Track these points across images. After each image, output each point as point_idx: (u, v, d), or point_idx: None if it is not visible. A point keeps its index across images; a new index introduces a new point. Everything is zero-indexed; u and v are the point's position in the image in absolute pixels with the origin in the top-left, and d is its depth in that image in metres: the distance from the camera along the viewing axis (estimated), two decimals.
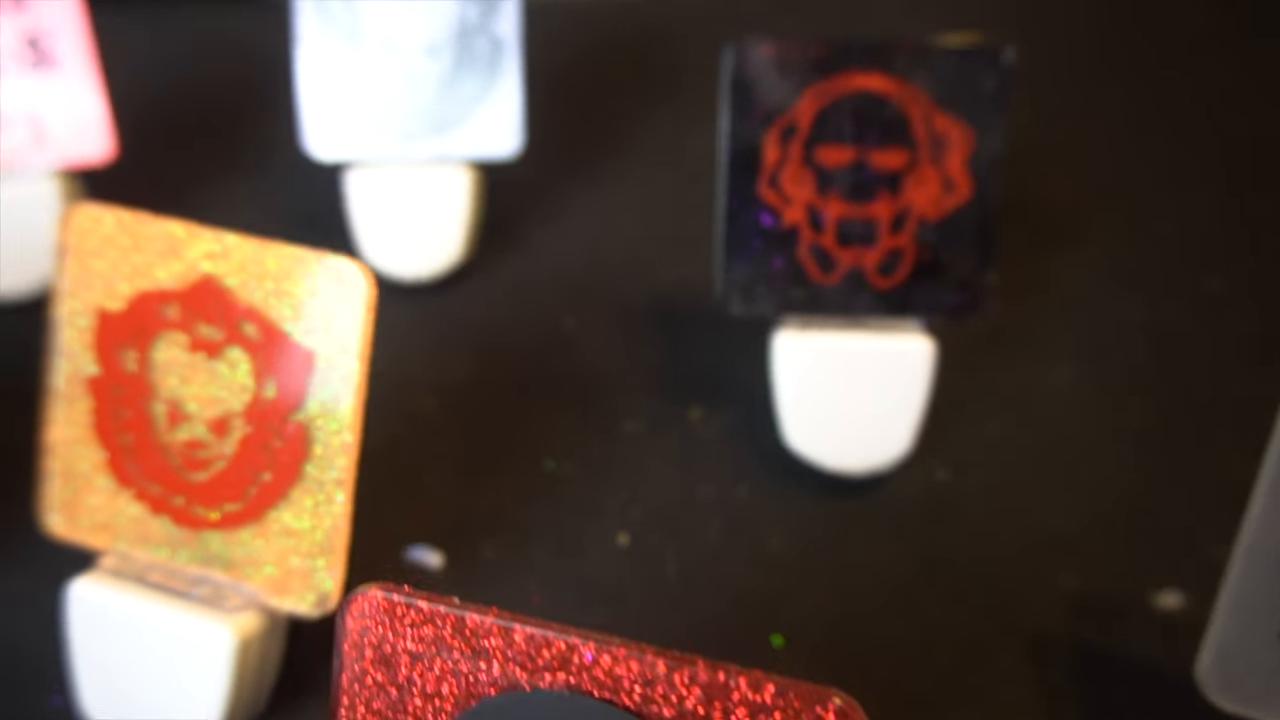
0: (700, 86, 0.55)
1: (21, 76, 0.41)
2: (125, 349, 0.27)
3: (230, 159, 0.51)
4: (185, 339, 0.27)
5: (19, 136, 0.42)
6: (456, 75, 0.42)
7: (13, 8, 0.41)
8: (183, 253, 0.27)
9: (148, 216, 0.27)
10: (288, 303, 0.26)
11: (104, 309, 0.27)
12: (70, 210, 0.28)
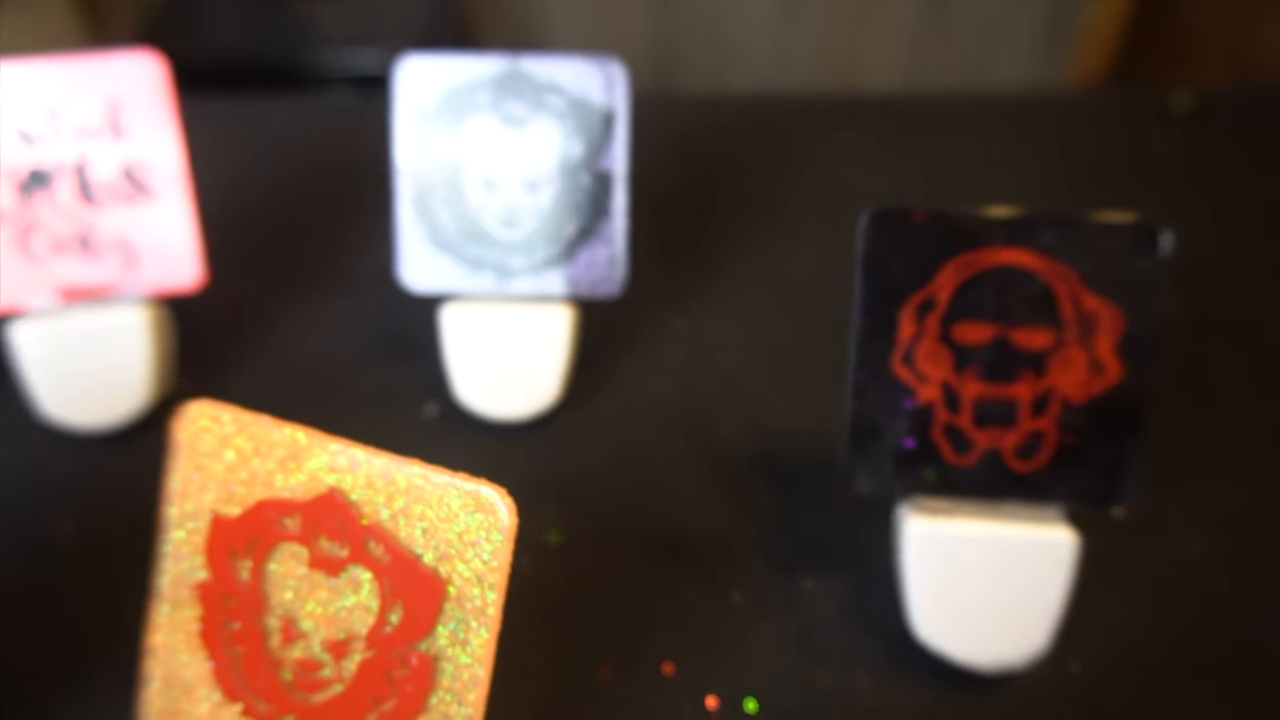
0: (799, 213, 0.54)
1: (116, 206, 0.40)
2: (239, 557, 0.26)
3: (318, 280, 0.50)
4: (305, 553, 0.25)
5: (111, 264, 0.40)
6: (558, 211, 0.41)
7: (112, 139, 0.40)
8: (306, 462, 0.25)
9: (269, 420, 0.25)
10: (419, 525, 0.24)
11: (218, 514, 0.26)
12: (186, 408, 0.26)
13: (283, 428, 0.25)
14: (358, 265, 0.50)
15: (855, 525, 0.38)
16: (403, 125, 0.40)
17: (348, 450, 0.25)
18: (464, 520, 0.24)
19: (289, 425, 0.25)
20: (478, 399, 0.41)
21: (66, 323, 0.40)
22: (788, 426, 0.42)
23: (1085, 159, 0.59)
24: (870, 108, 0.65)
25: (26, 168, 0.40)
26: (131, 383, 0.41)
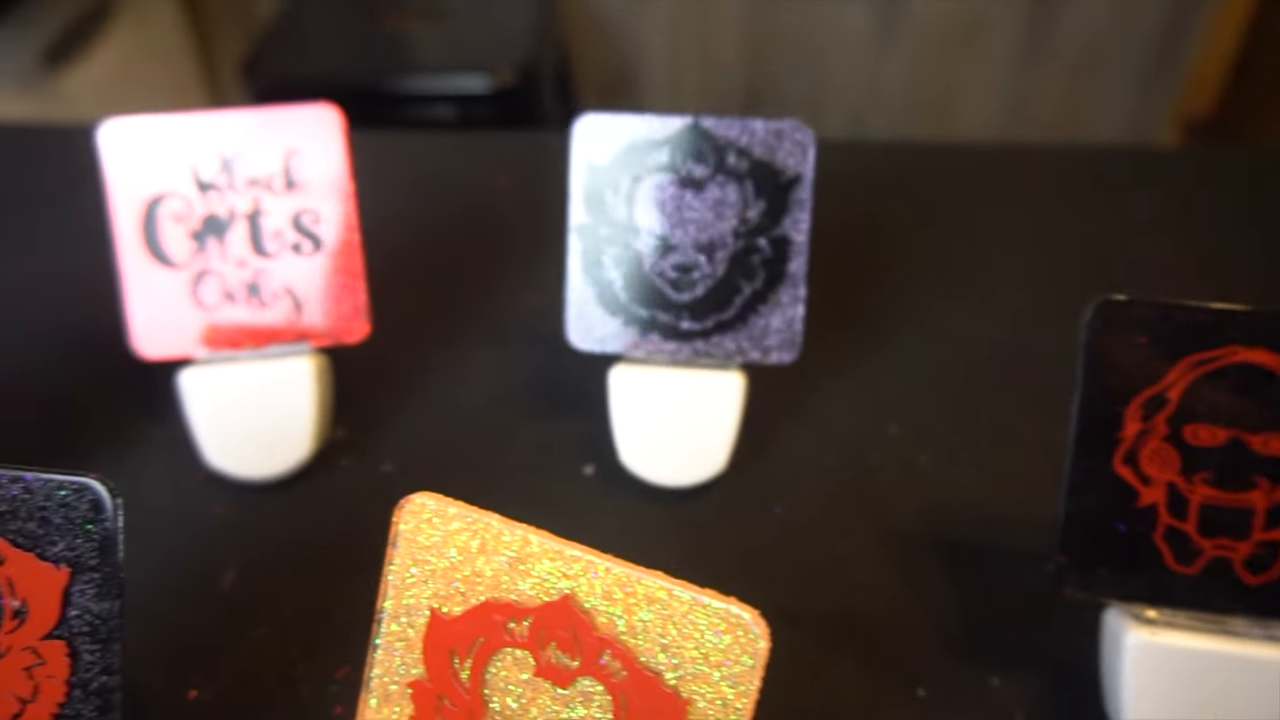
0: (963, 268, 0.52)
1: (287, 255, 0.40)
2: (459, 658, 0.25)
3: (468, 327, 0.49)
4: (531, 660, 0.24)
5: (279, 313, 0.40)
6: (733, 276, 0.39)
7: (286, 189, 0.40)
8: (536, 565, 0.24)
9: (497, 518, 0.24)
10: (659, 641, 0.23)
11: (438, 611, 0.25)
12: (409, 499, 0.25)
13: (513, 528, 0.24)
14: (510, 313, 0.49)
15: (1046, 621, 0.36)
16: (577, 181, 0.39)
17: (584, 557, 0.23)
18: (711, 640, 0.22)
19: (519, 526, 0.24)
20: (642, 464, 0.40)
21: (233, 371, 0.40)
22: (964, 505, 0.40)
23: (1250, 217, 0.56)
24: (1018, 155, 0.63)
25: (200, 216, 0.40)
26: (296, 433, 0.40)
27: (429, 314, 0.49)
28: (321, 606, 0.37)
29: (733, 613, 0.22)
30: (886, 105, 1.59)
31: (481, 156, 0.61)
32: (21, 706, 0.26)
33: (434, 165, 0.60)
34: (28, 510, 0.25)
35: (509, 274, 0.52)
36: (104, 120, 0.39)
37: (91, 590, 0.26)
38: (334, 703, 0.34)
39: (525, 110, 1.25)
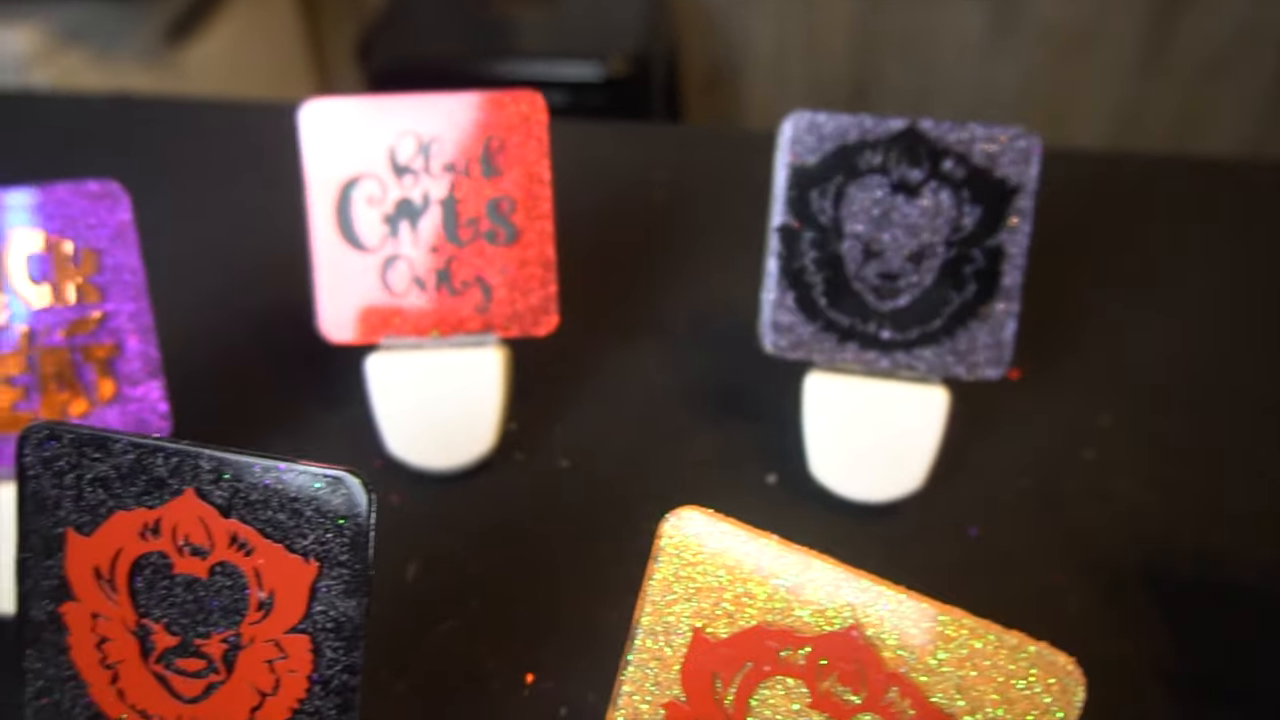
0: (1157, 283, 0.49)
1: (480, 243, 0.39)
2: (722, 682, 0.23)
3: (644, 324, 0.48)
4: (806, 691, 0.23)
5: (469, 303, 0.39)
6: (942, 286, 0.38)
7: (484, 176, 0.39)
8: (818, 590, 0.22)
9: (774, 539, 0.23)
10: (954, 681, 0.21)
11: (702, 632, 0.24)
12: (675, 514, 0.24)
13: (792, 550, 0.23)
14: (680, 311, 0.48)
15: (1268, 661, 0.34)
16: (783, 181, 0.38)
17: (874, 586, 0.22)
18: (1018, 686, 0.21)
19: (798, 549, 0.23)
20: (833, 476, 0.39)
21: (419, 359, 0.39)
22: (1166, 537, 0.38)
23: None
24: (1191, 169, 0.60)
25: (395, 200, 0.39)
26: (479, 425, 0.40)
27: (598, 308, 0.48)
28: (506, 603, 0.36)
29: (1045, 657, 0.21)
30: (996, 109, 1.54)
31: (634, 148, 0.60)
32: (261, 699, 0.26)
33: (586, 155, 0.59)
34: (279, 501, 0.25)
35: (681, 270, 0.50)
36: (306, 100, 0.39)
37: (339, 586, 0.25)
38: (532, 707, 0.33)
39: (635, 100, 1.24)
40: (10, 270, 0.34)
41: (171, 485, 0.25)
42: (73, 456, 0.26)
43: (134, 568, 0.26)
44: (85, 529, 0.26)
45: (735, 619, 0.23)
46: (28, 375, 0.35)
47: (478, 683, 0.34)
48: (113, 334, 0.35)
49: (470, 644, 0.35)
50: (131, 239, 0.35)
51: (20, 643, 0.27)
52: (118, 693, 0.26)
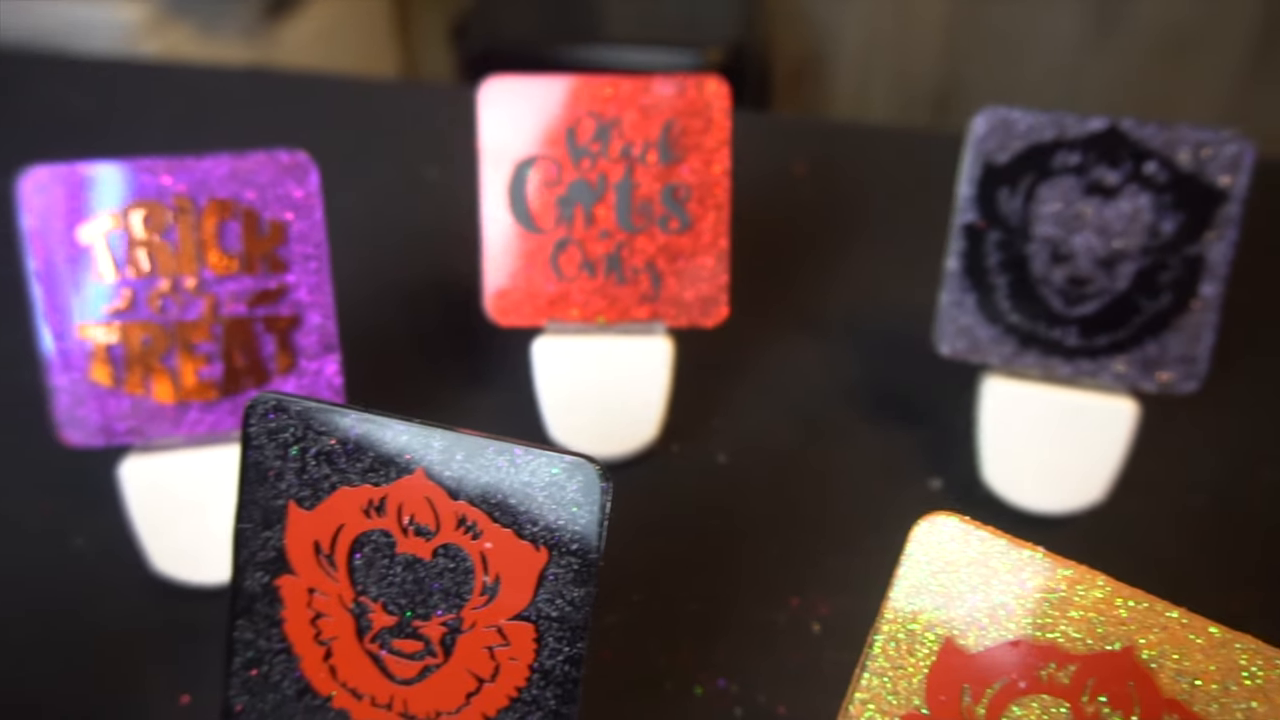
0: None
1: (653, 229, 0.38)
2: (971, 695, 0.23)
3: (799, 318, 0.47)
4: (1065, 711, 0.22)
5: (639, 289, 0.39)
6: (1133, 294, 0.36)
7: (661, 161, 0.38)
8: (1087, 608, 0.21)
9: (1041, 551, 0.22)
10: (1243, 712, 0.20)
11: (953, 642, 0.23)
12: (928, 519, 0.23)
13: (1061, 564, 0.22)
14: (844, 308, 0.47)
15: None
16: (971, 178, 0.37)
17: (1153, 605, 0.21)
18: None
19: (1069, 563, 0.22)
20: (1008, 484, 0.38)
21: (587, 345, 0.39)
22: None
23: None
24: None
25: (569, 182, 0.38)
26: (644, 415, 0.39)
27: (749, 301, 0.47)
28: (671, 599, 0.36)
29: None
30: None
31: (771, 139, 0.59)
32: (478, 685, 0.25)
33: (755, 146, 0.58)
34: (511, 485, 0.24)
35: (830, 266, 0.49)
36: (487, 79, 0.38)
37: (568, 575, 0.24)
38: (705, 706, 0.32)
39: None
40: (202, 238, 0.34)
41: (400, 463, 0.25)
42: (299, 429, 0.25)
43: (355, 544, 0.25)
44: (307, 503, 0.25)
45: (989, 631, 0.22)
46: (212, 344, 0.35)
47: (650, 681, 0.34)
48: (294, 306, 0.35)
49: (638, 640, 0.35)
50: (318, 211, 0.35)
51: (231, 613, 0.26)
52: (329, 669, 0.26)
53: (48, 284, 0.34)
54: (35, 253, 0.34)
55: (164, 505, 0.35)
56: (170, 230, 0.34)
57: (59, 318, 0.34)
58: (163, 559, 0.35)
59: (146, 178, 0.34)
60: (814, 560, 0.37)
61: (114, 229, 0.34)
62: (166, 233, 0.34)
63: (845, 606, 0.36)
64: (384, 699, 0.26)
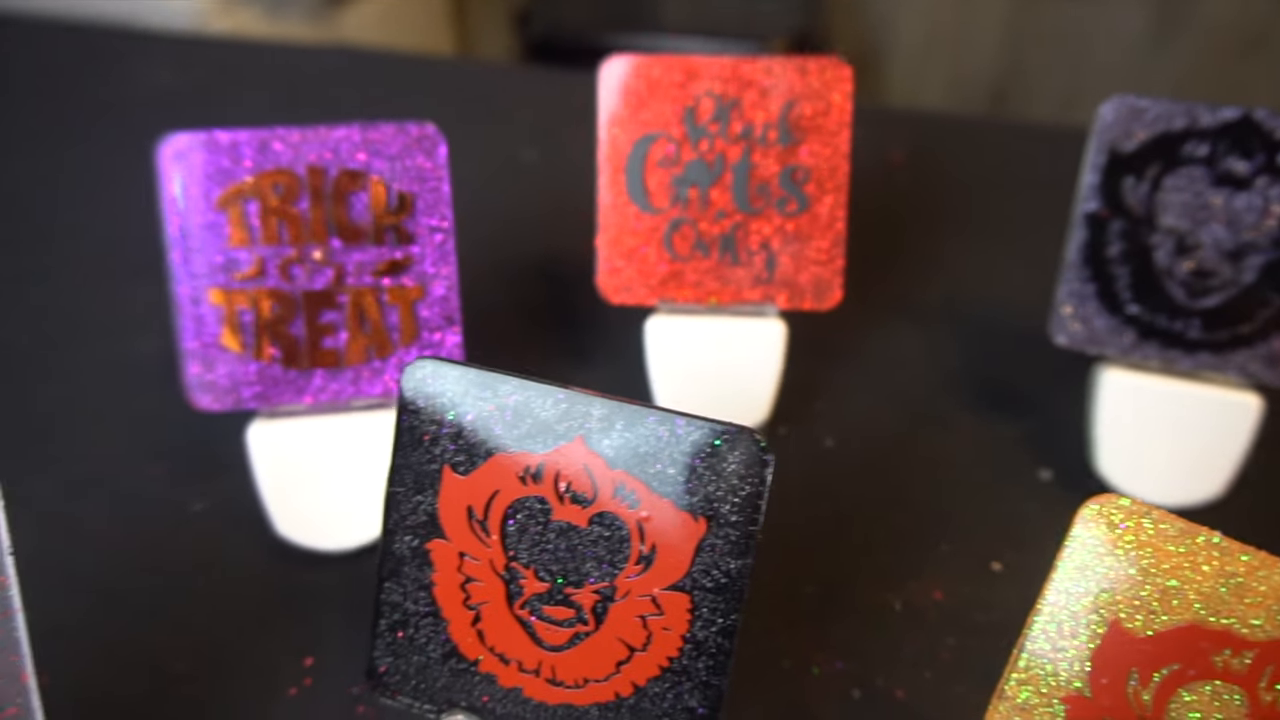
0: None
1: (770, 211, 0.38)
2: (1138, 680, 0.22)
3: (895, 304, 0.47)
4: (1240, 700, 0.22)
5: (753, 271, 0.39)
6: (1262, 287, 0.36)
7: (780, 143, 0.38)
8: (1264, 592, 0.21)
9: (1217, 535, 0.22)
10: None
11: (1120, 624, 0.22)
12: (1097, 500, 0.23)
13: (1239, 549, 0.22)
14: (947, 297, 0.47)
15: None
16: (1095, 166, 0.36)
17: None
18: None
19: (1248, 548, 0.22)
20: (1124, 477, 0.37)
21: (699, 326, 0.39)
22: None
23: None
24: None
25: (687, 162, 0.38)
26: (754, 397, 0.39)
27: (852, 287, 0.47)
28: (784, 579, 0.36)
29: None
30: None
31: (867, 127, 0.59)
32: (629, 654, 0.25)
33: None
34: (671, 455, 0.24)
35: (931, 255, 0.49)
36: (609, 58, 0.38)
37: (725, 546, 0.24)
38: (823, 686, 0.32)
39: None
40: (331, 207, 0.35)
41: (558, 430, 0.25)
42: (456, 394, 0.26)
43: (509, 510, 0.26)
44: (462, 468, 0.26)
45: (1158, 614, 0.22)
46: (337, 313, 0.35)
47: (767, 659, 0.34)
48: (418, 278, 0.35)
49: (755, 618, 0.35)
50: (445, 184, 0.35)
51: (379, 575, 0.27)
52: (478, 634, 0.26)
53: (183, 249, 0.34)
54: (171, 218, 0.34)
55: (287, 471, 0.35)
56: (301, 199, 0.35)
57: (193, 283, 0.34)
58: (286, 524, 0.36)
59: (281, 146, 0.34)
60: (925, 546, 0.37)
61: (248, 196, 0.34)
62: (298, 201, 0.35)
63: (959, 593, 0.35)
64: (532, 664, 0.26)
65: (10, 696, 0.25)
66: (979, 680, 0.33)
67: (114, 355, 0.45)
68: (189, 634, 0.34)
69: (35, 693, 0.25)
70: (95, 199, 0.55)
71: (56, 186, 0.56)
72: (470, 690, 0.27)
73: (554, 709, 0.26)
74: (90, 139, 0.60)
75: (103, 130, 0.61)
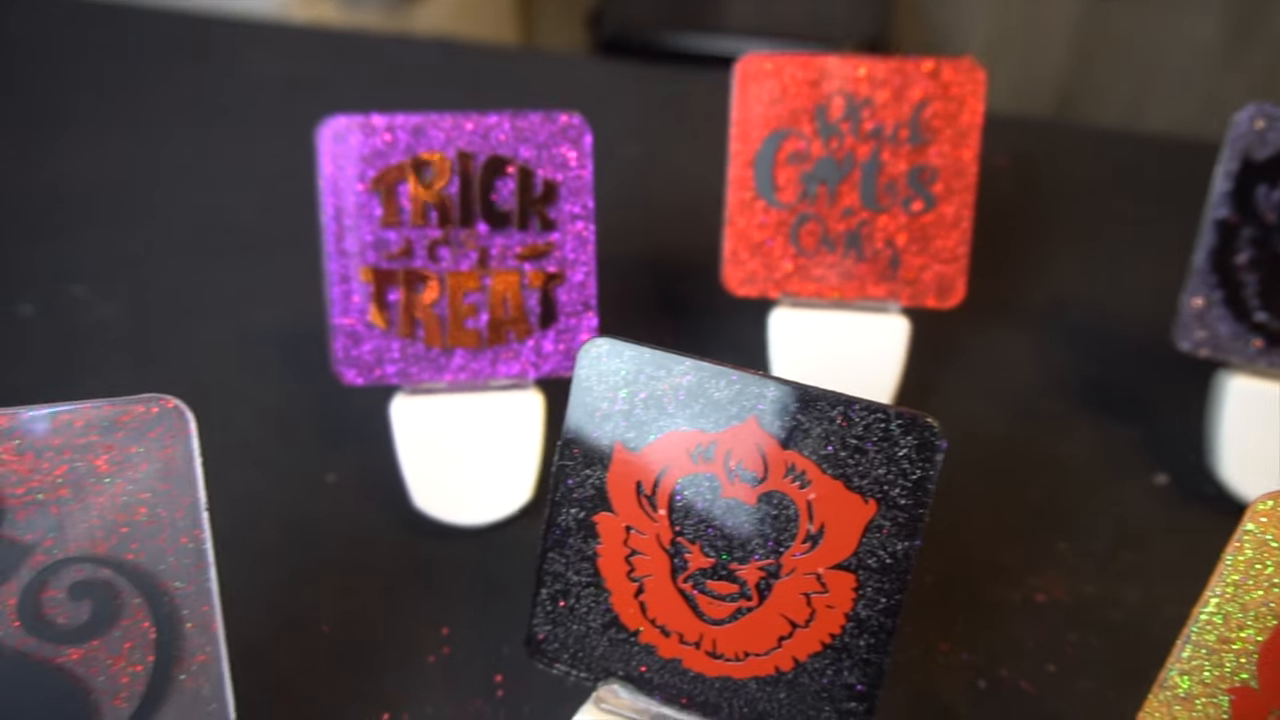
0: None
1: (896, 210, 0.39)
2: None
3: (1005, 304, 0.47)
4: None
5: (877, 268, 0.39)
6: None
7: (910, 142, 0.38)
8: None
9: None
10: None
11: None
12: (1267, 498, 0.23)
13: None
14: (1054, 302, 0.47)
15: None
16: (1228, 173, 0.37)
17: None
18: None
19: None
20: (1250, 483, 0.38)
21: (823, 320, 0.40)
22: None
23: None
24: None
25: (816, 159, 0.39)
26: (875, 391, 0.39)
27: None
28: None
29: None
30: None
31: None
32: (791, 629, 0.26)
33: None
34: (842, 438, 0.25)
35: (1036, 259, 0.50)
36: (745, 56, 0.39)
37: (894, 529, 0.25)
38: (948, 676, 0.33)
39: None
40: (479, 192, 0.36)
41: (731, 411, 0.26)
42: (630, 373, 0.27)
43: (678, 487, 0.26)
44: (632, 444, 0.27)
45: None
46: (480, 294, 0.36)
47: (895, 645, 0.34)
48: (559, 263, 0.36)
49: None
50: (589, 173, 0.36)
51: (544, 545, 0.28)
52: (640, 605, 0.27)
53: (336, 228, 0.35)
54: (327, 198, 0.35)
55: (426, 446, 0.36)
56: (451, 183, 0.36)
57: (344, 261, 0.36)
58: (422, 497, 0.37)
59: (434, 131, 0.35)
60: (1043, 545, 0.37)
61: (399, 179, 0.35)
62: (447, 185, 0.36)
63: (1079, 591, 0.36)
64: (693, 637, 0.27)
65: (201, 644, 0.26)
66: (1106, 676, 0.33)
67: (235, 333, 0.46)
68: (333, 599, 0.35)
69: (223, 642, 0.26)
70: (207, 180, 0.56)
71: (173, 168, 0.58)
72: (628, 660, 0.28)
73: (712, 681, 0.27)
74: (193, 123, 0.62)
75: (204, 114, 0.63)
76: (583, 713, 0.28)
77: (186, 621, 0.26)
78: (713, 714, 0.27)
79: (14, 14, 0.73)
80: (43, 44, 0.70)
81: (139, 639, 0.26)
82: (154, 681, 0.26)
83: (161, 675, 0.26)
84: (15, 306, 0.47)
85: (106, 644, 0.26)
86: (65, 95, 0.64)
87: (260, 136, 0.60)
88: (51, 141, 0.59)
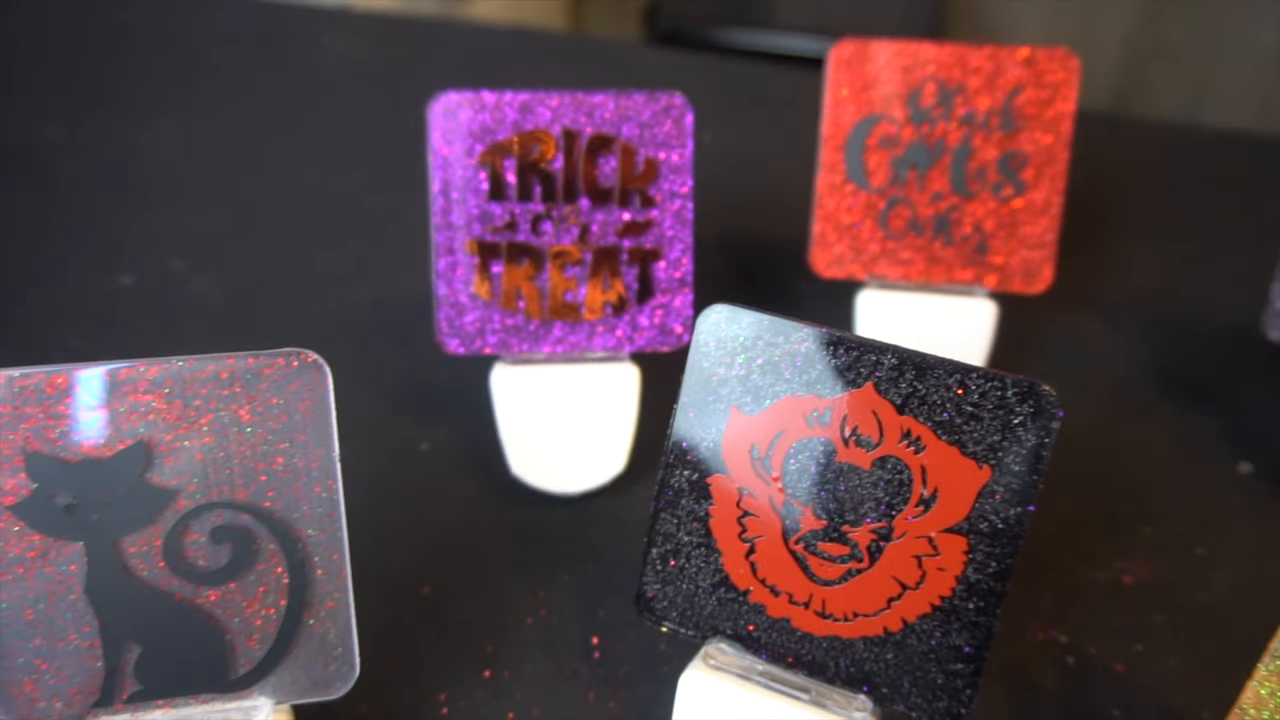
0: None
1: (985, 196, 0.39)
2: None
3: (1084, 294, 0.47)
4: None
5: (964, 252, 0.40)
6: None
7: (1001, 129, 0.39)
8: None
9: None
10: None
11: None
12: None
13: None
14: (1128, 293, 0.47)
15: None
16: None
17: None
18: None
19: None
20: None
21: (910, 301, 0.40)
22: None
23: None
24: None
25: (907, 144, 0.40)
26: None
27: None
28: None
29: None
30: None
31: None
32: (900, 591, 0.27)
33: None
34: (960, 405, 0.26)
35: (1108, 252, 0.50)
36: (839, 42, 0.40)
37: (1006, 494, 0.26)
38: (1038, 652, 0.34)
39: None
40: (582, 168, 0.37)
41: (848, 377, 0.27)
42: (748, 339, 0.27)
43: (792, 450, 0.27)
44: (749, 408, 0.28)
45: None
46: (580, 269, 0.37)
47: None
48: (657, 240, 0.37)
49: None
50: (689, 152, 0.37)
51: (656, 505, 0.29)
52: (750, 566, 0.28)
53: (444, 201, 0.37)
54: (436, 172, 0.37)
55: (524, 414, 0.38)
56: (555, 159, 0.37)
57: (450, 233, 0.37)
58: (520, 464, 0.38)
59: (541, 109, 0.36)
60: (1127, 528, 0.38)
61: (506, 154, 0.36)
62: (552, 162, 0.37)
63: (1165, 574, 0.36)
64: (803, 597, 0.28)
65: (330, 591, 0.27)
66: (1194, 657, 0.33)
67: (326, 306, 0.48)
68: (433, 562, 0.36)
69: (350, 590, 0.28)
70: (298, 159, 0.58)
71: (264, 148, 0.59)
72: (737, 619, 0.28)
73: (820, 640, 0.28)
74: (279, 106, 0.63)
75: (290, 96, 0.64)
76: (691, 668, 0.28)
77: (318, 568, 0.27)
78: (819, 673, 0.28)
79: (124, 6, 0.75)
80: (138, 35, 0.72)
81: (273, 583, 0.27)
82: (285, 625, 0.27)
83: (292, 619, 0.27)
84: (118, 278, 0.49)
85: (243, 587, 0.27)
86: (164, 81, 0.66)
87: (347, 119, 0.61)
88: (150, 123, 0.61)
